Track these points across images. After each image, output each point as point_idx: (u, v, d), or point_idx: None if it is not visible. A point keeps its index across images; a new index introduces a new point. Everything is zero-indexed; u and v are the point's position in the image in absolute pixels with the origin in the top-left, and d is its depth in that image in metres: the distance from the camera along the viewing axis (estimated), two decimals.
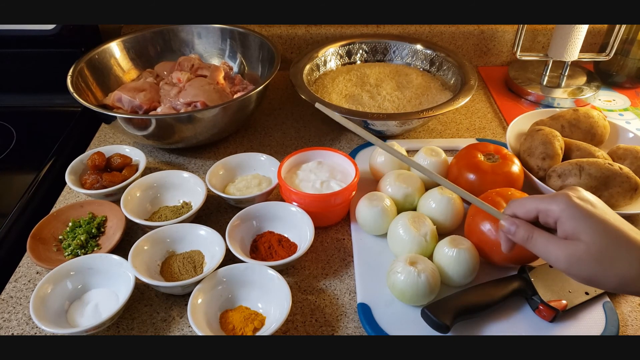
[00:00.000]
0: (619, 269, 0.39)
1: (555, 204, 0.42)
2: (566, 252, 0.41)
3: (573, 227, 0.41)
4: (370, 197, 0.66)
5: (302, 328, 0.57)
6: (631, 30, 0.98)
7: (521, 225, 0.44)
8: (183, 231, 0.64)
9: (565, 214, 0.41)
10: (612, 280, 0.39)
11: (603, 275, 0.40)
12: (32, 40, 0.93)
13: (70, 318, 0.56)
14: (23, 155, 0.83)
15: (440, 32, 1.08)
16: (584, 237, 0.40)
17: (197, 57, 0.96)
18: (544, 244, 0.43)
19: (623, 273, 0.39)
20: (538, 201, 0.44)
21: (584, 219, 0.40)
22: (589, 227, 0.40)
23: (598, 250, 0.39)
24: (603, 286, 0.41)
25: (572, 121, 0.78)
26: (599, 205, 0.42)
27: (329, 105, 0.82)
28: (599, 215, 0.40)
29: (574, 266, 0.41)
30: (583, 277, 0.41)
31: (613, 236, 0.40)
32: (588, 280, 0.41)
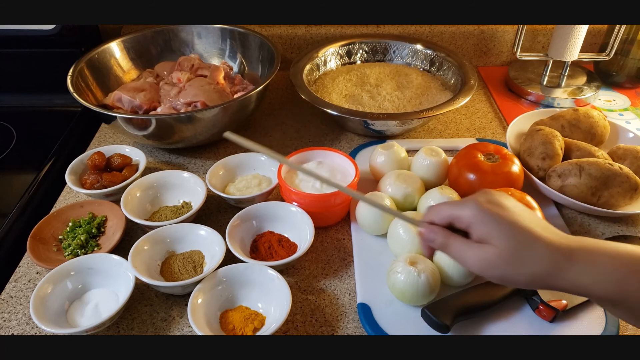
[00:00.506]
0: (527, 267, 0.41)
1: (465, 210, 0.44)
2: (479, 256, 0.42)
3: (483, 232, 0.42)
4: (371, 197, 0.66)
5: (302, 328, 0.57)
6: (631, 30, 0.98)
7: (438, 232, 0.45)
8: (183, 231, 0.64)
9: (475, 220, 0.43)
10: (523, 278, 0.42)
11: (514, 274, 0.42)
12: (32, 40, 0.93)
13: (70, 318, 0.56)
14: (23, 155, 0.84)
15: (440, 32, 1.08)
16: (494, 241, 0.42)
17: (197, 57, 0.96)
18: (459, 250, 0.44)
19: (532, 271, 0.41)
20: (451, 207, 0.45)
21: (493, 223, 0.42)
22: (497, 230, 0.42)
23: (507, 252, 0.41)
24: (515, 284, 0.43)
25: (572, 121, 0.79)
26: (509, 206, 0.43)
27: (329, 105, 0.82)
28: (508, 217, 0.42)
29: (486, 269, 0.42)
30: (496, 278, 0.43)
31: (521, 237, 0.41)
32: (500, 280, 0.43)
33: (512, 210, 0.43)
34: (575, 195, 0.68)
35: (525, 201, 0.60)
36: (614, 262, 0.40)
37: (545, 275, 0.41)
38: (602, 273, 0.40)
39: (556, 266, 0.40)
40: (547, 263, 0.41)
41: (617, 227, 0.70)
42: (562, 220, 0.70)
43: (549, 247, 0.41)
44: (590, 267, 0.40)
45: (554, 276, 0.41)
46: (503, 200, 0.44)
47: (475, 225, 0.43)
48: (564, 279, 0.40)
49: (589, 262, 0.40)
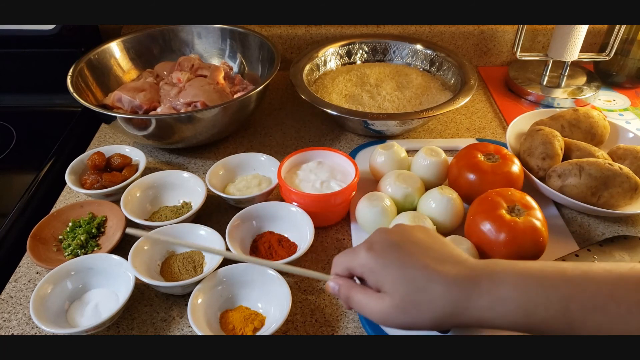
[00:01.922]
0: (426, 312, 0.38)
1: (357, 259, 0.41)
2: (377, 308, 0.40)
3: (375, 281, 0.40)
4: (370, 197, 0.66)
5: (302, 328, 0.57)
6: (631, 30, 0.98)
7: (342, 284, 0.43)
8: (183, 231, 0.64)
9: (365, 269, 0.41)
10: (425, 323, 0.39)
11: (415, 321, 0.39)
12: (32, 40, 0.93)
13: (70, 318, 0.56)
14: (23, 155, 0.83)
15: (440, 32, 1.08)
16: (386, 289, 0.39)
17: (197, 57, 0.96)
18: (359, 303, 0.42)
19: (432, 315, 0.38)
20: (346, 258, 0.43)
21: (382, 270, 0.39)
22: (387, 278, 0.39)
23: (401, 300, 0.39)
24: (420, 329, 0.40)
25: (572, 121, 0.78)
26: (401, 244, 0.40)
27: (329, 105, 0.82)
28: (398, 260, 0.39)
29: (386, 321, 0.40)
30: (398, 327, 0.40)
31: (413, 281, 0.38)
32: (404, 328, 0.40)
33: (403, 249, 0.40)
34: (575, 195, 0.68)
35: (525, 201, 0.60)
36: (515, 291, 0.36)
37: (447, 316, 0.38)
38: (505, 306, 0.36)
39: (456, 305, 0.37)
40: (446, 303, 0.37)
41: (617, 227, 0.70)
42: (562, 220, 0.70)
43: (445, 284, 0.38)
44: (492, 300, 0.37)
45: (457, 315, 0.38)
46: (395, 238, 0.41)
47: (367, 275, 0.41)
48: (467, 316, 0.37)
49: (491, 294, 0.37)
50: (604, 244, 0.64)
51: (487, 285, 0.37)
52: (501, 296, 0.37)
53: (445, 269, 0.39)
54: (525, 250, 0.58)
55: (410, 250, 0.40)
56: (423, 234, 0.42)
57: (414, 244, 0.41)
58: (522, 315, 0.37)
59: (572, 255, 0.62)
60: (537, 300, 0.36)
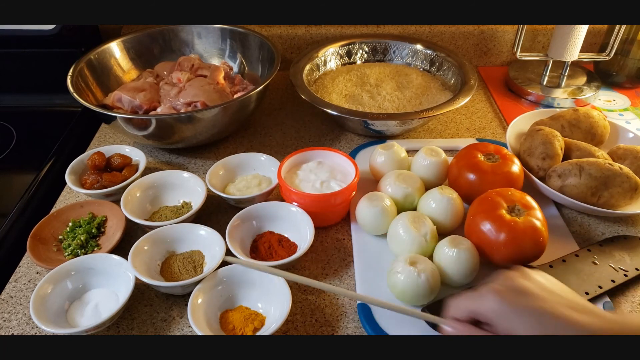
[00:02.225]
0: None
1: (484, 304, 0.40)
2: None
3: (506, 328, 0.39)
4: (370, 197, 0.66)
5: (302, 328, 0.57)
6: (631, 30, 0.98)
7: (461, 329, 0.42)
8: (183, 231, 0.64)
9: (495, 315, 0.39)
10: None
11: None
12: (32, 40, 0.93)
13: (70, 318, 0.56)
14: (23, 155, 0.84)
15: (440, 32, 1.08)
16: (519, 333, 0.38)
17: (197, 57, 0.96)
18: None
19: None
20: (469, 302, 0.42)
21: (515, 317, 0.38)
22: (521, 325, 0.38)
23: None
24: None
25: (572, 121, 0.78)
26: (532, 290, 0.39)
27: (329, 105, 0.82)
28: (533, 307, 0.38)
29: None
30: None
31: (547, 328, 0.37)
32: None
33: (535, 296, 0.38)
34: (575, 195, 0.68)
35: (525, 201, 0.60)
36: None
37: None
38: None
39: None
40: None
41: (617, 227, 0.70)
42: (562, 220, 0.70)
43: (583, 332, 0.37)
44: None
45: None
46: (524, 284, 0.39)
47: (497, 320, 0.39)
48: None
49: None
50: (604, 244, 0.64)
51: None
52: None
53: (579, 318, 0.38)
54: (525, 250, 0.58)
55: (543, 296, 0.39)
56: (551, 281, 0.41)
57: (544, 290, 0.40)
58: None
59: (572, 255, 0.62)
60: None
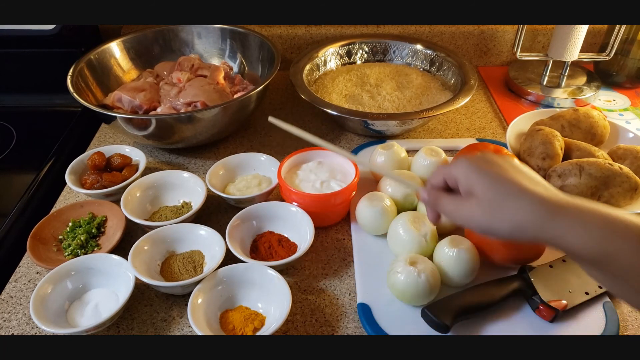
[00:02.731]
0: (509, 216, 0.41)
1: (454, 167, 0.46)
2: (464, 208, 0.44)
3: (467, 185, 0.44)
4: (370, 197, 0.66)
5: (302, 328, 0.57)
6: (631, 30, 0.98)
7: (431, 191, 0.48)
8: (183, 231, 0.64)
9: (460, 174, 0.45)
10: (505, 227, 0.42)
11: (496, 223, 0.42)
12: (32, 40, 0.93)
13: (70, 318, 0.56)
14: (23, 155, 0.83)
15: (440, 32, 1.08)
16: (476, 191, 0.43)
17: (197, 57, 0.96)
18: (446, 204, 0.46)
19: (514, 219, 0.41)
20: (444, 168, 0.47)
21: (477, 175, 0.43)
22: (479, 182, 0.43)
23: (488, 201, 0.42)
24: (498, 234, 0.43)
25: (572, 121, 0.78)
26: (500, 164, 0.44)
27: (329, 105, 0.82)
28: (493, 171, 0.43)
29: (469, 220, 0.44)
30: (478, 228, 0.44)
31: (504, 188, 0.42)
32: (483, 230, 0.43)
33: (501, 166, 0.44)
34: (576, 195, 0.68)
35: None
36: (602, 222, 0.39)
37: (528, 225, 0.41)
38: (588, 232, 0.39)
39: (541, 218, 0.40)
40: (531, 214, 0.40)
41: None
42: None
43: (534, 199, 0.41)
44: (576, 224, 0.39)
45: (538, 228, 0.40)
46: (496, 159, 0.45)
47: (461, 180, 0.45)
48: (548, 232, 0.40)
49: (577, 219, 0.40)
50: None
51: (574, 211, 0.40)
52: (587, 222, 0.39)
53: (536, 188, 0.42)
54: (525, 250, 0.58)
55: (508, 169, 0.44)
56: (520, 163, 0.46)
57: (510, 164, 0.44)
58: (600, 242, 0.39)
59: None
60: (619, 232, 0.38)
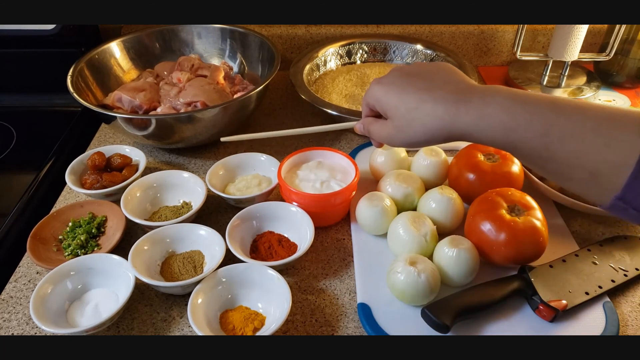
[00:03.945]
0: (418, 127, 0.44)
1: (368, 93, 0.49)
2: (384, 131, 0.48)
3: (381, 109, 0.47)
4: (370, 197, 0.66)
5: (302, 328, 0.57)
6: (631, 30, 0.98)
7: (363, 122, 0.52)
8: (183, 231, 0.64)
9: (373, 100, 0.48)
10: (419, 138, 0.45)
11: (411, 137, 0.45)
12: (32, 40, 0.93)
13: (70, 318, 0.56)
14: (23, 155, 0.83)
15: (440, 32, 1.08)
16: (389, 114, 0.47)
17: (197, 57, 0.96)
18: (374, 130, 0.50)
19: (424, 130, 0.44)
20: (365, 96, 0.50)
21: (384, 97, 0.46)
22: (387, 103, 0.46)
23: (397, 120, 0.45)
24: (416, 144, 0.46)
25: None
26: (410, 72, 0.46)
27: (329, 105, 0.82)
28: (397, 87, 0.45)
29: (390, 141, 0.48)
30: (399, 145, 0.48)
31: (407, 101, 0.44)
32: (404, 145, 0.47)
33: (406, 78, 0.46)
34: (576, 195, 0.68)
35: (525, 201, 0.60)
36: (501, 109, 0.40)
37: (436, 130, 0.43)
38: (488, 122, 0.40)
39: (443, 119, 0.42)
40: (434, 119, 0.43)
41: (617, 227, 0.70)
42: (562, 220, 0.70)
43: (436, 101, 0.43)
44: (478, 116, 0.41)
45: (445, 129, 0.42)
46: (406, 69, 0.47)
47: (377, 105, 0.48)
48: (454, 131, 0.42)
49: (478, 111, 0.41)
50: (604, 244, 0.64)
51: (476, 104, 0.41)
52: (486, 113, 0.41)
53: (437, 91, 0.43)
54: (525, 250, 0.58)
55: (413, 78, 0.46)
56: (438, 67, 0.47)
57: (420, 73, 0.46)
58: (502, 131, 0.40)
59: (572, 255, 0.62)
60: (520, 120, 0.39)
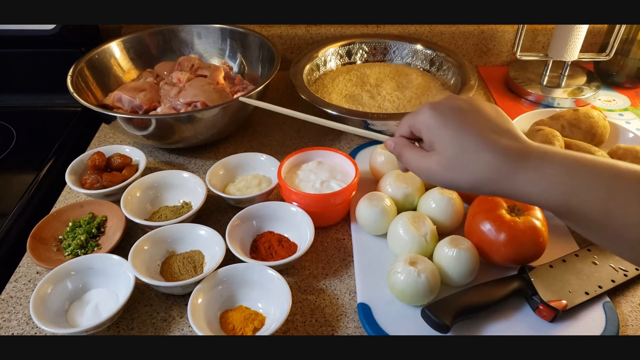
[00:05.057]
0: (469, 172, 0.41)
1: (418, 117, 0.45)
2: (424, 163, 0.44)
3: (429, 138, 0.44)
4: (370, 197, 0.66)
5: (302, 328, 0.57)
6: (631, 30, 0.98)
7: (397, 142, 0.47)
8: (183, 231, 0.64)
9: (424, 126, 0.44)
10: (465, 182, 0.41)
11: (456, 178, 0.42)
12: (32, 40, 0.93)
13: (70, 318, 0.56)
14: (23, 155, 0.83)
15: (440, 32, 1.08)
16: (438, 146, 0.43)
17: (197, 57, 0.96)
18: (409, 157, 0.46)
19: (474, 176, 0.41)
20: (410, 117, 0.46)
21: (438, 129, 0.43)
22: (440, 136, 0.42)
23: (447, 158, 0.42)
24: (459, 188, 0.43)
25: (572, 121, 0.78)
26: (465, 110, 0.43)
27: (329, 105, 0.82)
28: (456, 122, 0.42)
29: (429, 175, 0.44)
30: (440, 183, 0.44)
31: (464, 142, 0.41)
32: (445, 185, 0.43)
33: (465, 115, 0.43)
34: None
35: None
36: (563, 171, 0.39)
37: (488, 181, 0.40)
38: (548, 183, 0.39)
39: (500, 172, 0.40)
40: (490, 169, 0.40)
41: None
42: None
43: (496, 152, 0.40)
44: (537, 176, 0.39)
45: (498, 182, 0.40)
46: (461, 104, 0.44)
47: (424, 132, 0.44)
48: (508, 186, 0.40)
49: (537, 170, 0.39)
50: None
51: (536, 162, 0.39)
52: (547, 172, 0.39)
53: (498, 140, 0.41)
54: (525, 250, 0.58)
55: (472, 117, 0.43)
56: (491, 109, 0.45)
57: (477, 112, 0.43)
58: (562, 193, 0.38)
59: (572, 255, 0.62)
60: (582, 182, 0.38)
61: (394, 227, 0.62)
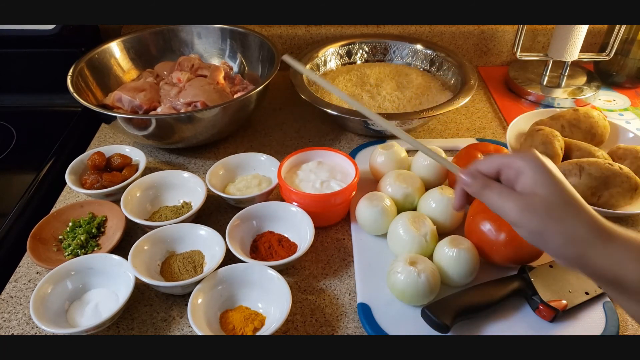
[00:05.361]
0: (568, 226, 0.40)
1: (520, 158, 0.43)
2: (520, 202, 0.42)
3: (534, 179, 0.42)
4: (370, 197, 0.66)
5: (302, 328, 0.57)
6: (631, 30, 0.98)
7: (478, 176, 0.45)
8: (183, 231, 0.64)
9: (529, 166, 0.42)
10: (556, 238, 0.40)
11: (550, 230, 0.40)
12: (32, 40, 0.93)
13: (70, 318, 0.56)
14: (23, 155, 0.83)
15: (440, 32, 1.08)
16: (541, 190, 0.41)
17: (197, 57, 0.96)
18: (498, 194, 0.43)
19: (568, 232, 0.40)
20: (503, 156, 0.45)
21: (545, 174, 0.41)
22: (548, 182, 0.41)
23: (551, 204, 0.40)
24: (547, 243, 0.41)
25: (572, 121, 0.78)
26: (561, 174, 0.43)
27: (329, 105, 0.82)
28: (558, 175, 0.42)
29: (525, 216, 0.41)
30: (531, 230, 0.41)
31: (567, 196, 0.41)
32: (536, 233, 0.41)
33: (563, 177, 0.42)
34: None
35: None
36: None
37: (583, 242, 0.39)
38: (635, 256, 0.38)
39: (596, 237, 0.39)
40: (589, 230, 0.39)
41: None
42: None
43: (591, 217, 0.40)
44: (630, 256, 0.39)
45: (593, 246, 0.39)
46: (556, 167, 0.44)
47: (527, 172, 0.42)
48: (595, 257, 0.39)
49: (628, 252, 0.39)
50: None
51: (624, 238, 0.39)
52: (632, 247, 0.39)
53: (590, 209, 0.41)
54: (525, 250, 0.58)
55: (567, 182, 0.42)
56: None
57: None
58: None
59: None
60: None
61: (394, 227, 0.62)
